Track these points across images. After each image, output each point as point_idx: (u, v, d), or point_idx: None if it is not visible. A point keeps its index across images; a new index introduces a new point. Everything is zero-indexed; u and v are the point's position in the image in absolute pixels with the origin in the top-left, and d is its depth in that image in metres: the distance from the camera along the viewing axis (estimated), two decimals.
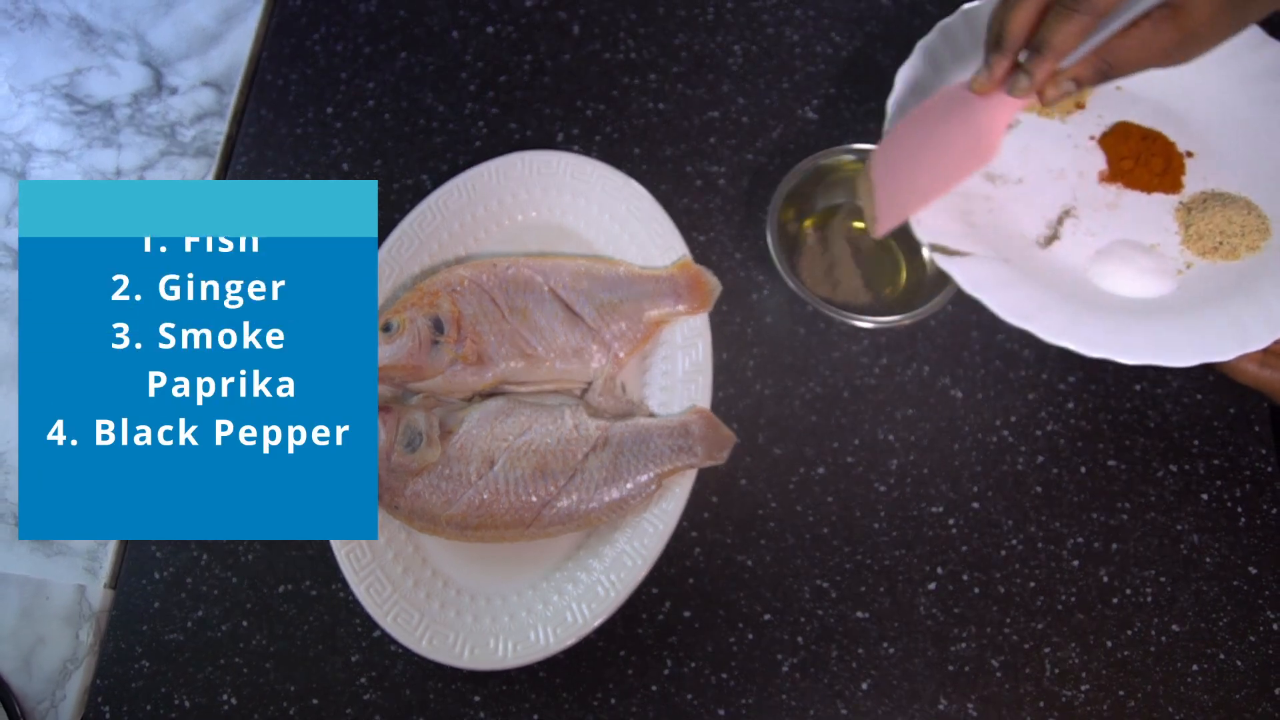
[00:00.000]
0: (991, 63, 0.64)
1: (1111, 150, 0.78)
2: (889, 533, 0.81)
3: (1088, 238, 0.74)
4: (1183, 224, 0.74)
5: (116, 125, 0.98)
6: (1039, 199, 0.76)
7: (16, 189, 0.96)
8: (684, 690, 0.78)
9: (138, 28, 1.02)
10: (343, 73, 0.98)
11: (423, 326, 0.79)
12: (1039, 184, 0.76)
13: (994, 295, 0.67)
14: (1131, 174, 0.76)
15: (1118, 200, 0.76)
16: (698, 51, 0.97)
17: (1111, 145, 0.78)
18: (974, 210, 0.73)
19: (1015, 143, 0.78)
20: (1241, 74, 0.77)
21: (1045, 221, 0.75)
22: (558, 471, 0.77)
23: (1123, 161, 0.77)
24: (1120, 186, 0.76)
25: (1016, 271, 0.70)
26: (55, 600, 0.83)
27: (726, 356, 0.86)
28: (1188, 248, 0.73)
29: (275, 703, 0.79)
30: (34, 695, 0.81)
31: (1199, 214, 0.74)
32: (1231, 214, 0.73)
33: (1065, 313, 0.67)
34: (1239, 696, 0.76)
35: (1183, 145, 0.77)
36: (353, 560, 0.77)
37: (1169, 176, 0.76)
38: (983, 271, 0.69)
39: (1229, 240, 0.72)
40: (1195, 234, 0.73)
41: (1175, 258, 0.73)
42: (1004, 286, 0.68)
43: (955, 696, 0.77)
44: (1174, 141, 0.77)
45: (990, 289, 0.67)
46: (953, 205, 0.73)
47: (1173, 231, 0.74)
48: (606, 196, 0.87)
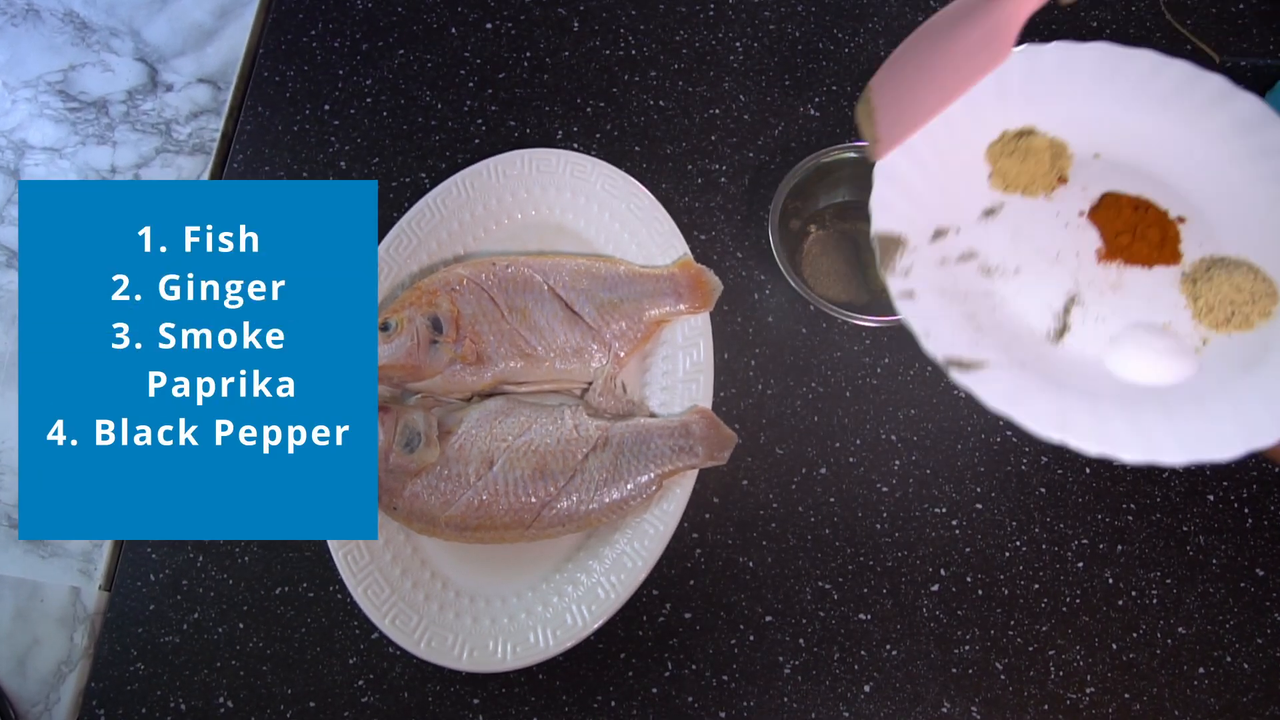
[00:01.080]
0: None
1: (1105, 225, 0.75)
2: (891, 534, 0.81)
3: (1098, 325, 0.72)
4: (1190, 297, 0.72)
5: (111, 122, 0.97)
6: (1041, 288, 0.73)
7: (10, 186, 0.95)
8: (684, 692, 0.78)
9: (132, 24, 1.01)
10: (340, 69, 0.97)
11: (421, 326, 0.79)
12: (1037, 271, 0.73)
13: (1021, 409, 0.65)
14: (1130, 249, 0.74)
15: (1120, 279, 0.73)
16: (699, 48, 0.97)
17: (1104, 220, 0.75)
18: (978, 312, 0.71)
19: (1003, 229, 0.74)
20: (1217, 130, 0.75)
21: (1052, 312, 0.72)
22: (557, 472, 0.76)
23: (1119, 237, 0.74)
24: (1120, 264, 0.74)
25: (1035, 376, 0.68)
26: (50, 602, 0.82)
27: (728, 356, 0.86)
28: (1201, 322, 0.71)
29: (272, 705, 0.78)
30: (28, 698, 0.80)
31: (1204, 284, 0.72)
32: (1238, 281, 0.71)
33: (1096, 414, 0.66)
34: (1246, 699, 0.76)
35: (1172, 211, 0.75)
36: (350, 562, 0.77)
37: (1167, 247, 0.74)
38: (1003, 383, 0.66)
39: (1240, 310, 0.70)
40: (1205, 307, 0.71)
41: (1190, 334, 0.71)
42: (1028, 397, 0.66)
43: (958, 699, 0.77)
44: (1165, 209, 0.75)
45: (1016, 402, 0.65)
46: (956, 311, 0.70)
47: (1181, 306, 0.72)
48: (606, 195, 0.86)
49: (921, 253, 0.71)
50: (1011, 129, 0.77)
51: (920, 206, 0.73)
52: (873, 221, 0.70)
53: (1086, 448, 0.63)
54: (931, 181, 0.74)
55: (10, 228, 0.94)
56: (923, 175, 0.74)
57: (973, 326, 0.70)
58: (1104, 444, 0.64)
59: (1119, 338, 0.71)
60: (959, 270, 0.72)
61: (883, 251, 0.70)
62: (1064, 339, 0.71)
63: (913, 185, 0.73)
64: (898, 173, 0.72)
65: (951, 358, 0.67)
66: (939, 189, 0.74)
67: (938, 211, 0.74)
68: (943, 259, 0.72)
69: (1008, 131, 0.77)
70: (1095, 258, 0.74)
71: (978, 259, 0.73)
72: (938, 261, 0.72)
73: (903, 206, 0.71)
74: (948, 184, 0.75)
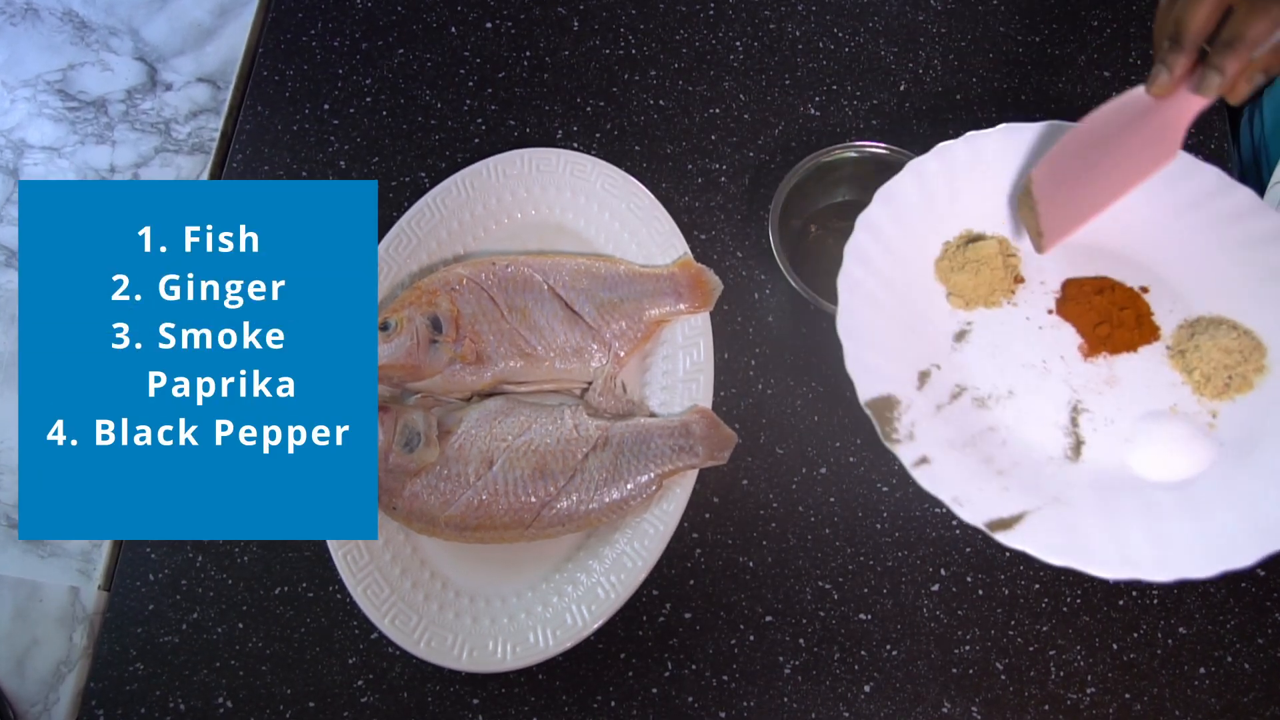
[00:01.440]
0: (1170, 62, 0.61)
1: (1078, 320, 0.74)
2: (891, 533, 0.81)
3: (1109, 428, 0.70)
4: (1183, 371, 0.72)
5: (110, 122, 0.97)
6: (1040, 406, 0.71)
7: (9, 186, 0.95)
8: (684, 693, 0.78)
9: (132, 23, 1.01)
10: (340, 69, 0.97)
11: (421, 325, 0.79)
12: (1030, 387, 0.72)
13: (1081, 557, 0.63)
14: (1111, 339, 0.73)
15: (1112, 372, 0.72)
16: (699, 47, 0.97)
17: (1075, 315, 0.74)
18: (992, 455, 0.69)
19: (980, 351, 0.73)
20: (1173, 202, 0.74)
21: (1060, 429, 0.71)
22: (557, 472, 0.76)
23: (1097, 329, 0.73)
24: (1107, 355, 0.73)
25: (1075, 510, 0.67)
26: (49, 602, 0.82)
27: (728, 356, 0.85)
28: (1203, 395, 0.71)
29: (271, 705, 0.78)
30: (27, 698, 0.80)
31: (1193, 355, 0.71)
32: (1224, 343, 0.70)
33: (1152, 534, 0.65)
34: (1247, 700, 0.76)
35: (1133, 282, 0.74)
36: (350, 562, 0.76)
37: (1145, 324, 0.73)
38: (1052, 533, 0.65)
39: (1236, 372, 0.70)
40: (1202, 378, 0.71)
41: (1198, 411, 0.70)
42: (1082, 540, 0.65)
43: (959, 699, 0.76)
44: (1128, 285, 0.74)
45: (1073, 552, 0.64)
46: (972, 461, 0.68)
47: (1180, 384, 0.71)
48: (606, 194, 0.86)
49: (916, 406, 0.69)
50: (951, 238, 0.76)
51: (894, 354, 0.71)
52: (858, 391, 0.68)
53: (1161, 578, 0.63)
54: (894, 321, 0.72)
55: (10, 227, 0.94)
56: (884, 317, 0.72)
57: (994, 472, 0.68)
58: (1173, 570, 0.63)
59: (1133, 437, 0.70)
60: (956, 412, 0.71)
61: (879, 420, 0.68)
62: (1082, 453, 0.70)
63: (878, 333, 0.71)
64: (860, 326, 0.70)
65: (991, 521, 0.65)
66: (905, 328, 0.72)
67: (912, 353, 0.72)
68: (937, 406, 0.70)
69: (949, 243, 0.76)
70: (1080, 355, 0.73)
71: (968, 392, 0.72)
72: (934, 410, 0.70)
73: (878, 361, 0.70)
74: (911, 319, 0.73)
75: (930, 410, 0.70)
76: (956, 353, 0.73)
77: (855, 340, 0.69)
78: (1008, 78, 0.95)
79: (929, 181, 0.75)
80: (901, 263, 0.74)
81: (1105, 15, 0.97)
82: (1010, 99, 0.94)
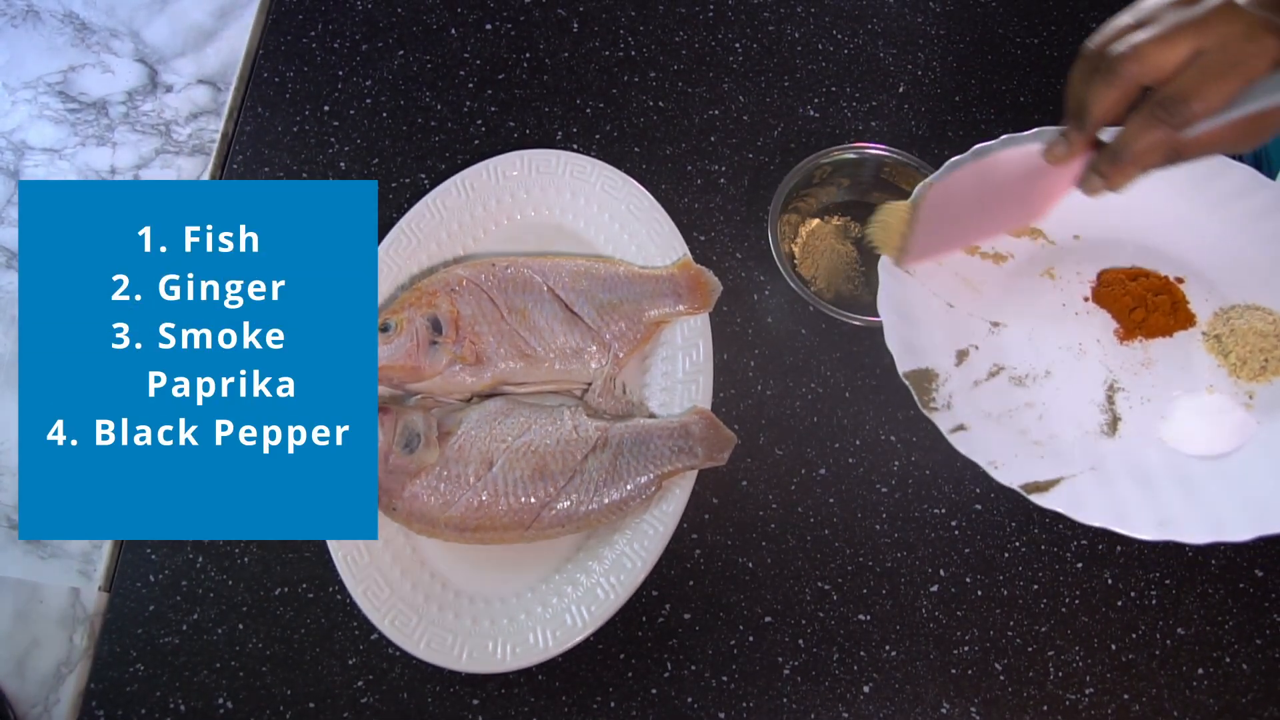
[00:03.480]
0: (1071, 138, 0.62)
1: (1114, 306, 0.75)
2: (891, 534, 0.81)
3: (1145, 406, 0.72)
4: (1219, 355, 0.73)
5: (111, 123, 0.97)
6: (1077, 386, 0.73)
7: (10, 187, 0.95)
8: (684, 693, 0.78)
9: (132, 25, 1.01)
10: (340, 70, 0.97)
11: (421, 326, 0.79)
12: (1068, 369, 0.73)
13: (1120, 518, 0.65)
14: (1146, 323, 0.74)
15: (1149, 355, 0.73)
16: (698, 49, 0.97)
17: (1110, 300, 0.75)
18: (1028, 427, 0.71)
19: (1018, 336, 0.75)
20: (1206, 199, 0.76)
21: (1097, 405, 0.72)
22: (557, 473, 0.76)
23: (1133, 314, 0.74)
24: (1143, 339, 0.74)
25: (1112, 477, 0.68)
26: (49, 603, 0.82)
27: (727, 357, 0.86)
28: (1240, 377, 0.72)
29: (272, 706, 0.78)
30: (27, 699, 0.80)
31: (1229, 340, 0.72)
32: (1259, 327, 0.72)
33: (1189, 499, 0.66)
34: (1245, 700, 0.76)
35: (1168, 273, 0.76)
36: (350, 562, 0.76)
37: (1181, 311, 0.74)
38: (1089, 496, 0.66)
39: (1272, 355, 0.71)
40: (1238, 361, 0.72)
41: (1235, 392, 0.71)
42: (1120, 503, 0.66)
43: (958, 700, 0.77)
44: (1162, 274, 0.76)
45: (1112, 513, 0.65)
46: (1009, 432, 0.70)
47: (1216, 366, 0.72)
48: (606, 195, 0.86)
49: (954, 380, 0.71)
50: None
51: (933, 333, 0.72)
52: (897, 364, 0.69)
53: (1195, 539, 0.64)
54: (933, 305, 0.74)
55: (10, 228, 0.94)
56: (923, 301, 0.73)
57: (1030, 442, 0.69)
58: (1210, 532, 0.64)
59: (1169, 413, 0.71)
60: (993, 388, 0.72)
61: (918, 390, 0.69)
62: (1119, 429, 0.71)
63: (917, 311, 0.73)
64: (900, 304, 0.72)
65: (1027, 483, 0.66)
66: (943, 313, 0.74)
67: (951, 334, 0.73)
68: (974, 381, 0.72)
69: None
70: (1116, 340, 0.74)
71: (1006, 371, 0.73)
72: (971, 385, 0.71)
73: (917, 338, 0.71)
74: (949, 301, 0.75)
75: (968, 385, 0.71)
76: (994, 335, 0.74)
77: (895, 316, 0.71)
78: (1006, 79, 0.95)
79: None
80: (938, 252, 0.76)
81: (1104, 17, 0.96)
82: (1009, 100, 0.94)
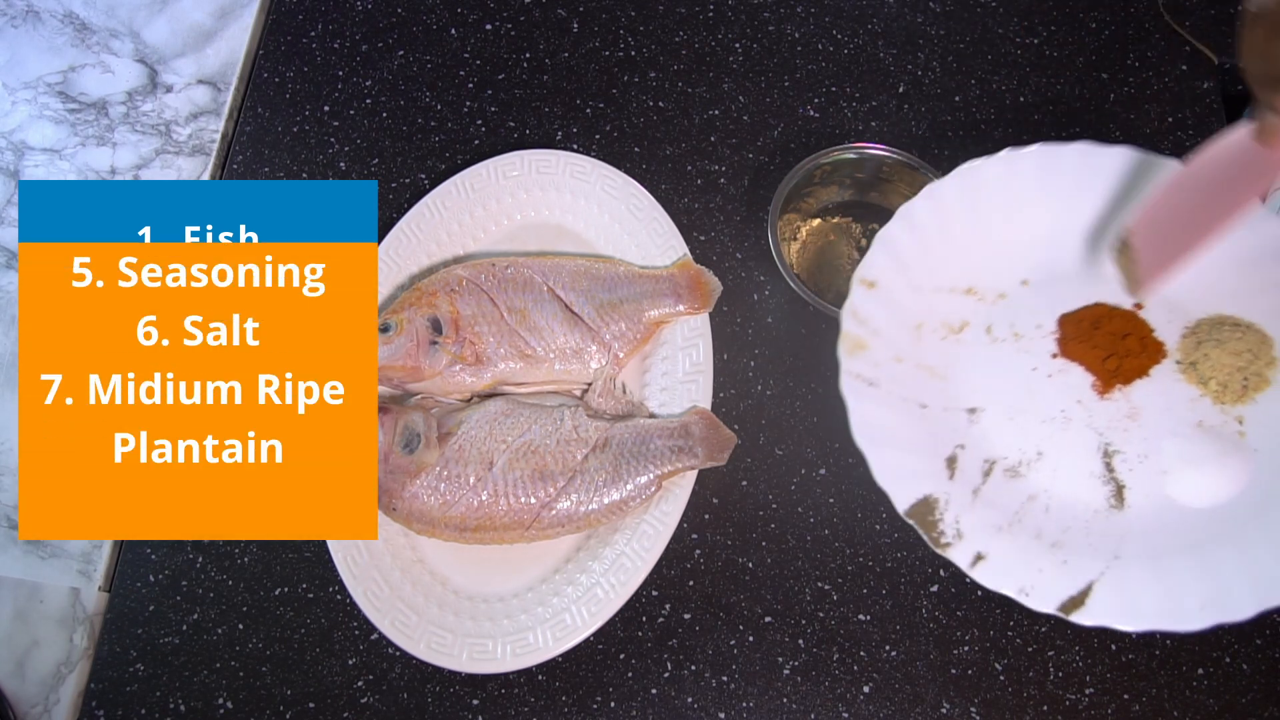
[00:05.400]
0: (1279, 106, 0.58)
1: (1085, 359, 0.73)
2: (891, 534, 0.81)
3: (1144, 464, 0.70)
4: (1198, 384, 0.71)
5: (111, 123, 0.97)
6: (1073, 461, 0.71)
7: (10, 187, 0.95)
8: (684, 693, 0.78)
9: (132, 25, 1.01)
10: (340, 70, 0.97)
11: (420, 327, 0.79)
12: (1058, 444, 0.71)
13: (1167, 619, 0.63)
14: (1121, 370, 0.72)
15: (1131, 404, 0.71)
16: (698, 49, 0.97)
17: (1080, 354, 0.73)
18: (1041, 528, 0.68)
19: (996, 418, 0.72)
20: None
21: (1098, 478, 0.70)
22: (557, 473, 0.76)
23: (1106, 363, 0.72)
24: (1121, 387, 0.72)
25: (1139, 564, 0.66)
26: (49, 603, 0.82)
27: (727, 357, 0.86)
28: (1224, 403, 0.70)
29: (271, 706, 0.78)
30: (27, 699, 0.80)
31: (1204, 365, 0.71)
32: (1231, 345, 0.70)
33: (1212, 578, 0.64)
34: (1245, 700, 0.76)
35: (1122, 299, 0.73)
36: (350, 562, 0.77)
37: (1150, 346, 0.72)
38: (1125, 600, 0.64)
39: (1251, 372, 0.70)
40: (1219, 387, 0.70)
41: (1225, 421, 0.70)
42: (1157, 594, 0.64)
43: (958, 700, 0.76)
44: (1118, 305, 0.73)
45: (1153, 611, 0.63)
46: (1024, 540, 0.67)
47: (1198, 397, 0.71)
48: (606, 195, 0.86)
49: (954, 499, 0.68)
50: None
51: (916, 447, 0.70)
52: (895, 503, 0.67)
53: (1242, 617, 0.62)
54: (906, 412, 0.71)
55: (10, 228, 0.94)
56: (895, 411, 0.71)
57: (1047, 546, 0.67)
58: (1262, 600, 0.62)
59: (1170, 468, 0.70)
60: (993, 491, 0.69)
61: (924, 527, 0.67)
62: (1125, 499, 0.69)
63: (895, 430, 0.70)
64: (875, 428, 0.69)
65: (1063, 603, 0.64)
66: (918, 415, 0.71)
67: (933, 440, 0.71)
68: (973, 491, 0.69)
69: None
70: (1096, 394, 0.72)
71: (999, 464, 0.71)
72: (971, 497, 0.69)
73: (904, 460, 0.68)
74: (921, 402, 0.72)
75: (968, 498, 0.69)
76: (975, 425, 0.72)
77: (876, 445, 0.68)
78: (1006, 80, 0.95)
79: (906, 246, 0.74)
80: (894, 341, 0.73)
81: (1104, 18, 0.97)
82: (1009, 100, 0.94)
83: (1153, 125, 0.92)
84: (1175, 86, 0.94)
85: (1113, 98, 0.93)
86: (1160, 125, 0.92)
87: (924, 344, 0.74)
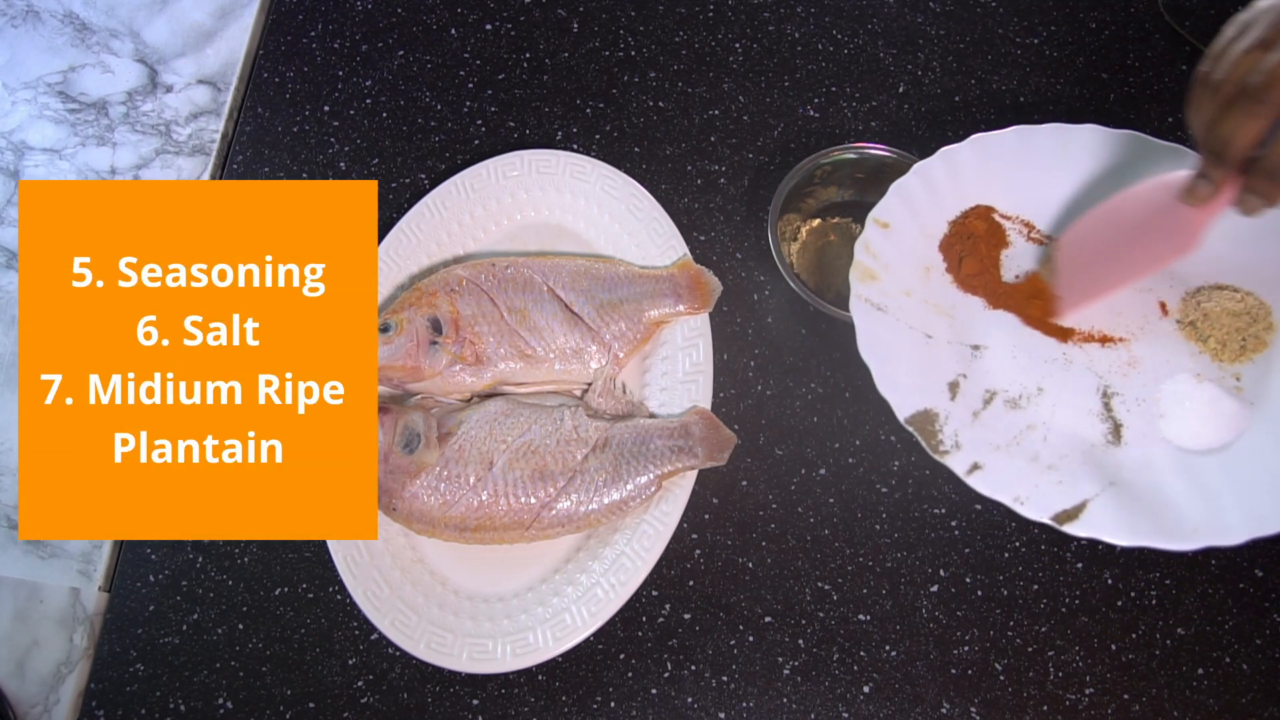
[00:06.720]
0: (1214, 176, 0.60)
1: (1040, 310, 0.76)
2: (891, 534, 0.81)
3: (1141, 408, 0.71)
4: (1198, 341, 0.72)
5: (111, 123, 0.97)
6: (1072, 398, 0.72)
7: (10, 187, 0.95)
8: (684, 693, 0.78)
9: (132, 25, 1.01)
10: (340, 70, 0.97)
11: (420, 327, 0.79)
12: (1058, 382, 0.72)
13: (1154, 533, 0.64)
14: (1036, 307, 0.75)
15: (1132, 355, 0.73)
16: (698, 49, 0.97)
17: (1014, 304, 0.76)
18: (1038, 451, 0.70)
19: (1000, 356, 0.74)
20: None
21: (1096, 415, 0.71)
22: (557, 473, 0.76)
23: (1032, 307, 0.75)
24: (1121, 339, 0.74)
25: (1134, 490, 0.67)
26: (49, 603, 0.82)
27: (727, 357, 0.86)
28: (1223, 361, 0.71)
29: (271, 706, 0.78)
30: (27, 699, 0.80)
31: (1204, 324, 0.72)
32: (1230, 307, 0.72)
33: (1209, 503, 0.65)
34: (1245, 700, 0.76)
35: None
36: (350, 563, 0.77)
37: (996, 233, 0.76)
38: (1119, 516, 0.66)
39: (1250, 334, 0.71)
40: (1218, 344, 0.71)
41: (1223, 376, 0.71)
42: (1149, 515, 0.65)
43: (958, 700, 0.76)
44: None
45: (1147, 529, 0.64)
46: (1021, 461, 0.69)
47: (1198, 354, 0.72)
48: (606, 196, 0.86)
49: (954, 416, 0.70)
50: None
51: (919, 370, 0.72)
52: (896, 410, 0.69)
53: (1231, 542, 0.63)
54: (912, 338, 0.73)
55: (10, 228, 0.94)
56: (901, 335, 0.73)
57: (1044, 467, 0.69)
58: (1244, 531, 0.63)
59: (1167, 411, 0.71)
60: (993, 416, 0.71)
61: (924, 435, 0.69)
62: (1122, 436, 0.70)
63: (900, 350, 0.72)
64: (881, 346, 0.71)
65: (1056, 514, 0.66)
66: (923, 343, 0.73)
67: (936, 367, 0.73)
68: (973, 413, 0.71)
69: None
70: (1100, 344, 0.73)
71: (999, 395, 0.72)
72: (971, 417, 0.71)
73: (906, 378, 0.71)
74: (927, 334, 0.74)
75: (968, 418, 0.71)
76: (978, 359, 0.73)
77: (881, 360, 0.70)
78: (1006, 79, 0.95)
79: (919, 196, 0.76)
80: (904, 278, 0.75)
81: (1103, 18, 0.97)
82: (1009, 100, 0.94)
83: (1153, 125, 0.92)
84: (1175, 86, 0.94)
85: (1113, 98, 0.93)
86: (1160, 125, 0.92)
87: (932, 284, 0.76)
